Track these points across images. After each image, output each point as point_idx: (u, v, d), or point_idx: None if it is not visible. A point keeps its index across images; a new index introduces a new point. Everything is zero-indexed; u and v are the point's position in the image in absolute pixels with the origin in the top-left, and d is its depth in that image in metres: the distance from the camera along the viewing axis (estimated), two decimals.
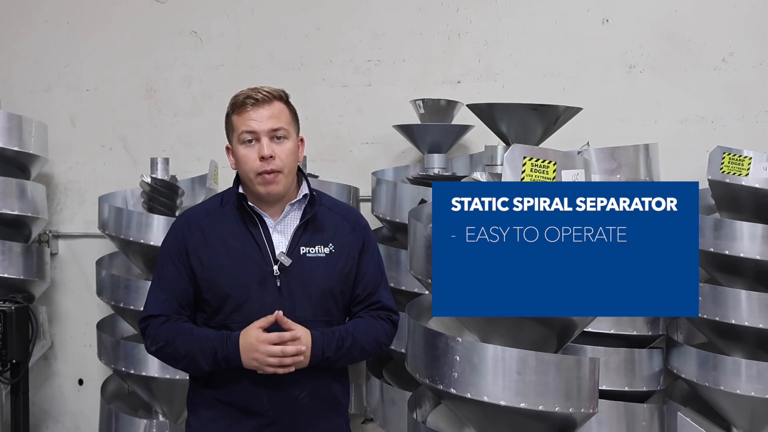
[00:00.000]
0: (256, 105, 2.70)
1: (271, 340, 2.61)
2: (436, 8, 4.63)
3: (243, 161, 2.72)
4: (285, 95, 2.78)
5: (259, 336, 2.61)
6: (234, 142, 2.75)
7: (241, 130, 2.71)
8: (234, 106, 2.74)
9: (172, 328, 2.73)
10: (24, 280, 4.55)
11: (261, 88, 2.73)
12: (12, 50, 5.09)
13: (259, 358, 2.61)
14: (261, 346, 2.61)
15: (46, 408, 5.15)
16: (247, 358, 2.63)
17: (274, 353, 2.60)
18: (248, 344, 2.62)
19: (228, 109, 2.77)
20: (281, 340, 2.61)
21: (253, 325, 2.64)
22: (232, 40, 4.86)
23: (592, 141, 3.98)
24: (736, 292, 3.66)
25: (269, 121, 2.70)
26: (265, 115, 2.70)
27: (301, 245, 2.75)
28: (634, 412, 3.76)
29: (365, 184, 4.43)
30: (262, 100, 2.71)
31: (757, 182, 3.79)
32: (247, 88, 2.76)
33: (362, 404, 4.45)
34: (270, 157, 2.68)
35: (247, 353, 2.63)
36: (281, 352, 2.60)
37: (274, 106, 2.72)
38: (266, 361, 2.61)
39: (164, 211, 4.28)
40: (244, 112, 2.71)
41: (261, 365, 2.63)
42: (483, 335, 3.11)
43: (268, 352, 2.60)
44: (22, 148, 4.54)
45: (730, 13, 4.37)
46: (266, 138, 2.69)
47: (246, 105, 2.71)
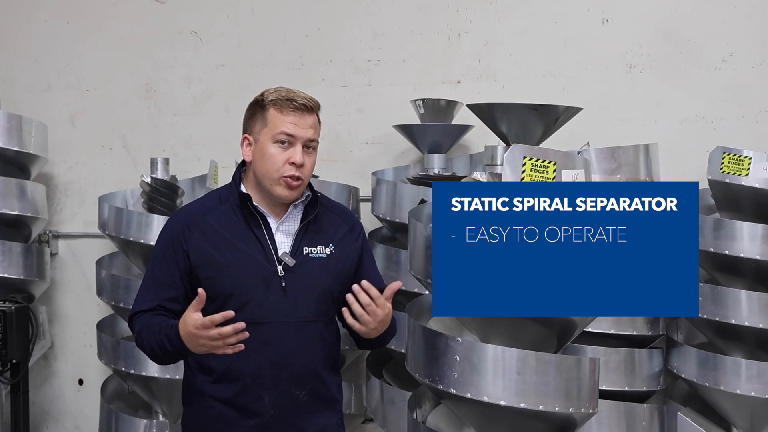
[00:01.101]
0: (301, 111, 2.71)
1: (204, 324, 2.52)
2: (436, 8, 4.63)
3: (271, 160, 2.70)
4: (319, 108, 2.79)
5: (195, 323, 2.53)
6: (263, 136, 2.72)
7: (280, 129, 2.70)
8: (275, 102, 2.71)
9: (142, 322, 2.74)
10: (24, 280, 4.55)
11: (302, 93, 2.74)
12: (12, 50, 5.09)
13: (205, 344, 2.55)
14: (200, 332, 2.53)
15: (46, 408, 5.15)
16: (194, 346, 2.59)
17: (212, 336, 2.52)
18: (187, 333, 2.57)
19: (263, 100, 2.74)
20: (212, 322, 2.51)
21: (187, 312, 2.57)
22: (232, 40, 4.86)
23: (592, 141, 3.98)
24: (736, 292, 3.66)
25: (309, 130, 2.72)
26: (308, 123, 2.72)
27: (304, 246, 2.76)
28: (634, 412, 3.76)
29: (365, 184, 4.42)
30: (307, 107, 2.72)
31: (757, 182, 3.79)
32: (285, 88, 2.75)
33: (362, 404, 4.45)
34: (301, 166, 2.70)
35: (192, 342, 2.58)
36: (219, 335, 2.52)
37: (314, 117, 2.75)
38: (212, 344, 2.55)
39: (164, 211, 4.28)
40: (287, 111, 2.70)
41: (213, 349, 2.57)
42: (483, 335, 3.11)
43: (208, 336, 2.53)
44: (22, 148, 4.54)
45: (730, 13, 4.37)
46: (301, 146, 2.70)
47: (290, 107, 2.70)
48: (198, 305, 2.55)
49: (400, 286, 2.71)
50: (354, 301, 2.63)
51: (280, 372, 2.71)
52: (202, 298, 2.55)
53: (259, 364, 2.70)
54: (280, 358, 2.71)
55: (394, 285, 2.69)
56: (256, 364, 2.70)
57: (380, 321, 2.67)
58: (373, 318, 2.64)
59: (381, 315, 2.65)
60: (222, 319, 2.51)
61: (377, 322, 2.67)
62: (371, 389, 4.19)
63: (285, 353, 2.70)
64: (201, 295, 2.55)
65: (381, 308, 2.65)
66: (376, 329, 2.69)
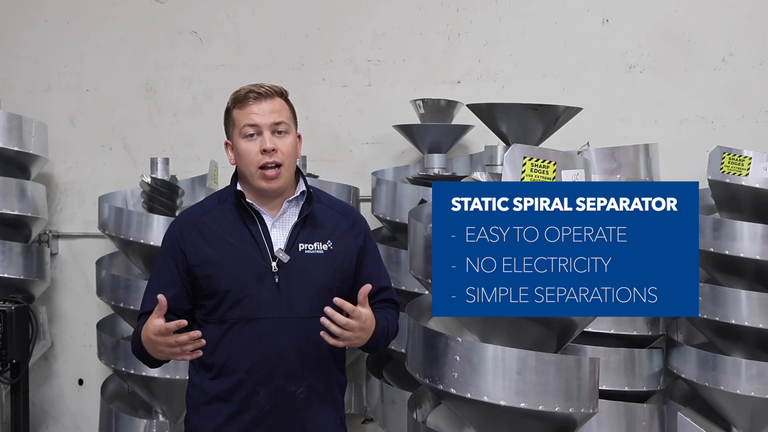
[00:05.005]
0: (259, 99, 2.73)
1: (161, 332, 2.58)
2: (436, 8, 4.63)
3: (244, 155, 2.73)
4: (285, 92, 2.81)
5: (153, 329, 2.59)
6: (235, 137, 2.76)
7: (243, 123, 2.73)
8: (235, 100, 2.76)
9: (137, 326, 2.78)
10: (24, 280, 4.55)
11: (262, 84, 2.77)
12: (12, 50, 5.09)
13: (164, 350, 2.62)
14: (158, 338, 2.59)
15: (46, 408, 5.15)
16: (154, 351, 2.66)
17: (170, 344, 2.58)
18: (147, 339, 2.64)
19: (228, 105, 2.79)
20: (168, 330, 2.56)
21: (150, 318, 2.62)
22: (232, 40, 4.86)
23: (592, 141, 3.98)
24: (736, 292, 3.66)
25: (271, 115, 2.73)
26: (267, 109, 2.73)
27: (299, 242, 2.76)
28: (634, 412, 3.76)
29: (365, 184, 4.43)
30: (264, 94, 2.74)
31: (757, 182, 3.79)
32: (246, 85, 2.78)
33: (362, 404, 4.45)
34: (272, 150, 2.70)
35: (152, 348, 2.65)
36: (175, 342, 2.57)
37: (276, 101, 2.75)
38: (171, 352, 2.61)
39: (164, 211, 4.28)
40: (246, 106, 2.73)
41: (172, 356, 2.64)
42: (483, 335, 3.11)
43: (166, 342, 2.59)
44: (22, 148, 4.54)
45: (730, 13, 4.37)
46: (268, 132, 2.72)
47: (248, 99, 2.73)
48: (160, 312, 2.60)
49: (370, 289, 2.66)
50: (330, 324, 2.60)
51: (274, 368, 2.72)
52: (163, 304, 2.59)
53: (254, 359, 2.71)
54: (274, 353, 2.71)
55: (364, 289, 2.65)
56: (251, 359, 2.71)
57: (361, 329, 2.64)
58: (351, 332, 2.63)
59: (357, 325, 2.62)
60: (176, 327, 2.57)
61: (357, 334, 2.64)
62: (371, 389, 4.19)
63: (279, 349, 2.71)
64: (162, 302, 2.59)
65: (356, 319, 2.62)
66: (360, 338, 2.67)
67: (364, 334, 2.67)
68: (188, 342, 2.58)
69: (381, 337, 2.78)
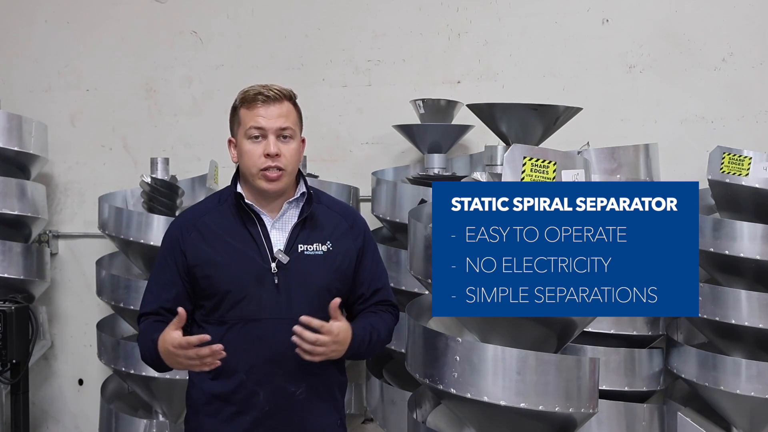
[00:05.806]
0: (267, 102, 2.72)
1: (182, 345, 2.58)
2: (436, 8, 4.63)
3: (247, 156, 2.73)
4: (294, 95, 2.80)
5: (173, 342, 2.60)
6: (239, 136, 2.76)
7: (249, 125, 2.72)
8: (243, 100, 2.75)
9: (141, 327, 2.79)
10: (24, 280, 4.55)
11: (272, 86, 2.75)
12: (12, 50, 5.09)
13: (183, 362, 2.63)
14: (178, 351, 2.60)
15: (46, 408, 5.15)
16: (172, 363, 2.67)
17: (189, 356, 2.59)
18: (166, 351, 2.64)
19: (236, 102, 2.79)
20: (189, 344, 2.57)
21: (167, 330, 2.63)
22: (232, 40, 4.86)
23: (592, 141, 3.98)
24: (736, 292, 3.66)
25: (278, 119, 2.72)
26: (275, 113, 2.72)
27: (299, 243, 2.76)
28: (634, 412, 3.76)
29: (365, 184, 4.43)
30: (273, 98, 2.73)
31: (757, 182, 3.79)
32: (257, 84, 2.77)
33: (362, 404, 4.45)
34: (276, 155, 2.70)
35: (170, 359, 2.66)
36: (195, 355, 2.58)
37: (284, 106, 2.75)
38: (189, 363, 2.62)
39: (164, 211, 4.28)
40: (254, 107, 2.73)
41: (190, 367, 2.65)
42: (483, 335, 3.11)
43: (186, 355, 2.59)
44: (22, 148, 4.54)
45: (730, 13, 4.37)
46: (273, 136, 2.72)
47: (257, 101, 2.72)
48: (178, 323, 2.60)
49: (339, 302, 2.66)
50: (301, 342, 2.60)
51: (274, 368, 2.72)
52: (182, 317, 2.60)
53: (254, 360, 2.72)
54: (274, 354, 2.71)
55: (333, 303, 2.64)
56: (250, 359, 2.72)
57: (335, 343, 2.64)
58: (324, 347, 2.62)
59: (329, 339, 2.61)
60: (198, 341, 2.57)
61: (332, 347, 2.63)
62: (371, 389, 4.19)
63: (278, 350, 2.71)
64: (181, 315, 2.60)
65: (327, 334, 2.61)
66: (336, 350, 2.66)
67: (339, 346, 2.66)
68: (209, 355, 2.58)
69: (362, 347, 2.75)
